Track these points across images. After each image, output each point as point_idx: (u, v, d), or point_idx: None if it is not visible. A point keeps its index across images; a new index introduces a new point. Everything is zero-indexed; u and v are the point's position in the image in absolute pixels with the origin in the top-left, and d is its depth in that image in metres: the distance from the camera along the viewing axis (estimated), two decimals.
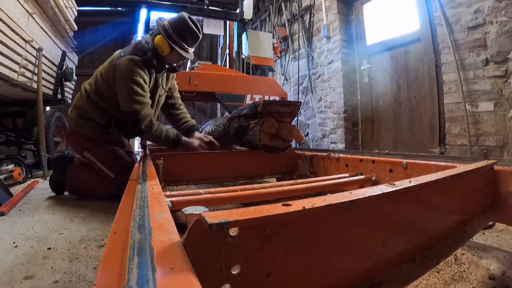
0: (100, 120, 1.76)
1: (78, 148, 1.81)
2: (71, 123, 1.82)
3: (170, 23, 1.71)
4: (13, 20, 2.06)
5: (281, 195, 0.99)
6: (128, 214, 0.49)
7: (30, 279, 0.83)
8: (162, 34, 1.68)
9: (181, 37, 1.71)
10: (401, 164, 1.12)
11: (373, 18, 3.51)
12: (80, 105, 1.78)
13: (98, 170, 1.74)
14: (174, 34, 1.69)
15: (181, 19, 1.72)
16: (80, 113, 1.77)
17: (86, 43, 6.18)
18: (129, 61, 1.64)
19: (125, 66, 1.63)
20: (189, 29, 1.71)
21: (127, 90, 1.62)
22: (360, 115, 3.65)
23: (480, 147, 2.19)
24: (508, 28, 2.00)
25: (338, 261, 0.45)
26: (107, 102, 1.74)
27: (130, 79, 1.61)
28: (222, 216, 0.32)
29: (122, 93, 1.64)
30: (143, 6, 3.69)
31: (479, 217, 0.79)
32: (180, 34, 1.70)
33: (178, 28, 1.70)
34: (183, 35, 1.71)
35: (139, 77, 1.63)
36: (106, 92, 1.73)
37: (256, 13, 5.81)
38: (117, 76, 1.65)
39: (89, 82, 1.83)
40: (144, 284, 0.26)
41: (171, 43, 1.69)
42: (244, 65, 3.95)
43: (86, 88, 1.81)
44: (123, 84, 1.63)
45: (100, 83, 1.75)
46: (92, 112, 1.75)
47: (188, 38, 1.73)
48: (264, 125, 1.53)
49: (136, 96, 1.62)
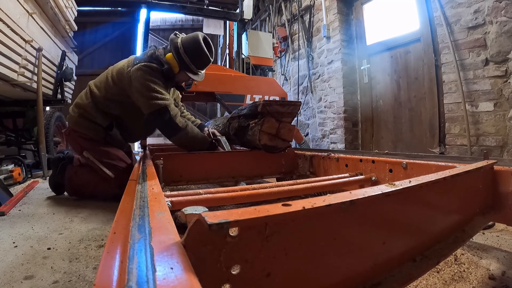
0: (102, 122, 1.75)
1: (77, 147, 1.80)
2: (71, 121, 1.80)
3: (183, 43, 1.68)
4: (13, 20, 2.06)
5: (281, 195, 0.99)
6: (128, 214, 0.49)
7: (30, 279, 0.83)
8: (173, 53, 1.67)
9: (192, 60, 1.69)
10: (401, 164, 1.12)
11: (373, 18, 3.51)
12: (83, 105, 1.76)
13: (97, 170, 1.73)
14: (186, 55, 1.67)
15: (195, 41, 1.69)
16: (82, 113, 1.75)
17: (86, 43, 6.18)
18: (146, 66, 1.63)
19: (143, 71, 1.61)
20: (202, 52, 1.69)
21: (148, 90, 1.60)
22: (360, 115, 3.65)
23: (480, 147, 2.20)
24: (508, 28, 2.00)
25: (338, 261, 0.45)
26: (114, 105, 1.74)
27: (149, 81, 1.60)
28: (222, 216, 0.32)
29: (143, 96, 1.61)
30: (143, 6, 3.69)
31: (479, 217, 0.79)
32: (191, 56, 1.68)
33: (190, 50, 1.68)
34: (194, 58, 1.69)
35: (157, 80, 1.63)
36: (115, 96, 1.72)
37: (256, 13, 5.81)
38: (135, 81, 1.62)
39: (97, 84, 1.79)
40: (144, 284, 0.26)
41: (181, 65, 1.68)
42: (244, 65, 3.95)
43: (93, 89, 1.77)
44: (143, 87, 1.60)
45: (110, 86, 1.72)
46: (95, 114, 1.74)
47: (199, 61, 1.72)
48: (264, 125, 1.53)
49: (158, 94, 1.61)
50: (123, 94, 1.70)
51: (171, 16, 7.81)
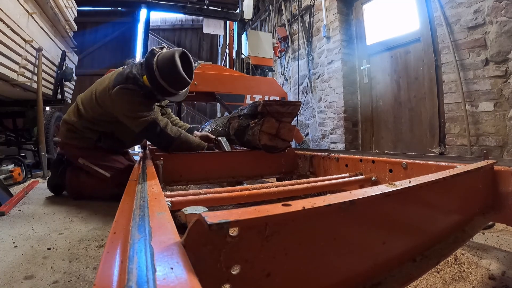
0: (92, 136, 1.76)
1: (72, 156, 1.83)
2: (62, 135, 1.82)
3: (158, 66, 1.54)
4: (13, 20, 2.06)
5: (281, 195, 0.99)
6: (128, 214, 0.49)
7: (30, 279, 0.83)
8: (148, 79, 1.56)
9: (168, 83, 1.56)
10: (401, 164, 1.12)
11: (373, 18, 3.51)
12: (71, 122, 1.76)
13: (94, 173, 1.75)
14: (161, 79, 1.54)
15: (171, 63, 1.53)
16: (70, 128, 1.77)
17: (86, 43, 6.19)
18: (124, 89, 1.58)
19: (122, 93, 1.57)
20: (177, 75, 1.55)
21: (131, 111, 1.59)
22: (360, 115, 3.65)
23: (480, 147, 2.20)
24: (508, 28, 2.00)
25: (338, 261, 0.45)
26: (102, 124, 1.75)
27: (130, 103, 1.59)
28: (222, 216, 0.32)
29: (128, 117, 1.61)
30: (143, 6, 3.68)
31: (479, 217, 0.79)
32: (167, 80, 1.55)
33: (165, 73, 1.54)
34: (170, 82, 1.56)
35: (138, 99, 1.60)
36: (102, 115, 1.71)
37: (256, 13, 5.81)
38: (116, 105, 1.61)
39: (84, 102, 1.77)
40: (144, 284, 0.26)
41: (156, 89, 1.58)
42: (244, 65, 3.95)
43: (80, 108, 1.75)
44: (126, 110, 1.60)
45: (95, 106, 1.70)
46: (84, 130, 1.75)
47: (176, 85, 1.60)
48: (264, 125, 1.53)
49: (143, 112, 1.59)
50: (108, 114, 1.69)
51: (171, 16, 7.81)
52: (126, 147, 2.02)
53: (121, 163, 1.81)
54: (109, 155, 1.80)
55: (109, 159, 1.78)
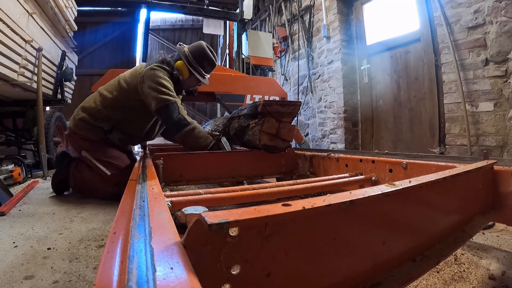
0: (104, 126, 1.79)
1: (76, 148, 1.83)
2: (73, 123, 1.83)
3: (190, 50, 1.86)
4: (13, 20, 2.06)
5: (281, 195, 0.99)
6: (128, 214, 0.49)
7: (30, 279, 0.83)
8: (183, 59, 1.83)
9: (199, 64, 1.86)
10: (401, 164, 1.12)
11: (373, 18, 3.51)
12: (89, 109, 1.80)
13: (95, 168, 1.76)
14: (194, 61, 1.84)
15: (200, 47, 1.88)
16: (85, 116, 1.78)
17: (86, 43, 6.19)
18: (159, 67, 1.75)
19: (155, 70, 1.72)
20: (208, 56, 1.88)
21: (159, 85, 1.68)
22: (360, 115, 3.65)
23: (480, 147, 2.20)
24: (508, 28, 2.00)
25: (338, 261, 0.45)
26: (120, 109, 1.78)
27: (161, 78, 1.70)
28: (222, 216, 0.32)
29: (154, 90, 1.67)
30: (143, 6, 3.69)
31: (479, 217, 0.79)
32: (199, 61, 1.85)
33: (197, 55, 1.85)
34: (202, 62, 1.87)
35: (167, 79, 1.73)
36: (124, 97, 1.77)
37: (256, 13, 5.81)
38: (147, 78, 1.69)
39: (107, 88, 1.85)
40: (144, 284, 0.26)
41: (191, 68, 1.83)
42: (244, 65, 3.96)
43: (102, 92, 1.82)
44: (154, 83, 1.68)
45: (121, 87, 1.79)
46: (99, 117, 1.78)
47: (206, 65, 1.89)
48: (264, 125, 1.53)
49: (169, 90, 1.69)
50: (132, 95, 1.75)
51: (171, 16, 7.81)
52: (135, 142, 2.03)
53: (123, 161, 1.81)
54: (113, 151, 1.80)
55: (112, 155, 1.78)
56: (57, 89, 3.17)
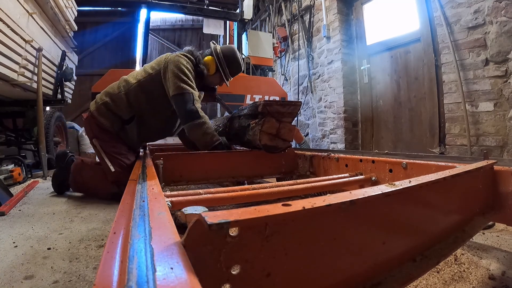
0: (124, 115, 1.75)
1: (89, 133, 1.80)
2: (94, 107, 1.79)
3: (222, 50, 1.94)
4: (13, 20, 2.06)
5: (281, 195, 0.99)
6: (128, 214, 0.49)
7: (30, 279, 0.83)
8: (214, 56, 1.90)
9: (228, 64, 1.93)
10: (401, 164, 1.12)
11: (373, 18, 3.51)
12: (112, 94, 1.77)
13: (100, 160, 1.73)
14: (223, 60, 1.91)
15: (233, 50, 1.97)
16: (107, 101, 1.75)
17: (86, 43, 6.19)
18: (186, 57, 1.79)
19: (181, 58, 1.76)
20: (237, 60, 1.96)
21: (181, 73, 1.69)
22: (360, 115, 3.65)
23: (480, 147, 2.20)
24: (508, 28, 2.00)
25: (338, 261, 0.45)
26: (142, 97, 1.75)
27: (185, 67, 1.72)
28: (222, 216, 0.32)
29: (175, 77, 1.68)
30: (143, 6, 3.68)
31: (479, 217, 0.79)
32: (228, 61, 1.92)
33: (228, 56, 1.92)
34: (230, 64, 1.94)
35: (189, 69, 1.75)
36: (148, 83, 1.76)
37: (256, 13, 5.81)
38: (171, 64, 1.72)
39: (132, 74, 1.84)
40: (144, 284, 0.26)
41: (219, 66, 1.90)
42: (244, 65, 3.95)
43: (127, 78, 1.81)
44: (177, 69, 1.69)
45: (146, 73, 1.79)
46: (121, 104, 1.74)
47: (233, 68, 1.96)
48: (264, 125, 1.53)
49: (189, 80, 1.70)
50: (157, 80, 1.75)
51: (171, 16, 7.80)
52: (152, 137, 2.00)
53: (129, 160, 1.76)
54: (123, 148, 1.77)
55: (121, 152, 1.74)
56: (57, 89, 3.18)
